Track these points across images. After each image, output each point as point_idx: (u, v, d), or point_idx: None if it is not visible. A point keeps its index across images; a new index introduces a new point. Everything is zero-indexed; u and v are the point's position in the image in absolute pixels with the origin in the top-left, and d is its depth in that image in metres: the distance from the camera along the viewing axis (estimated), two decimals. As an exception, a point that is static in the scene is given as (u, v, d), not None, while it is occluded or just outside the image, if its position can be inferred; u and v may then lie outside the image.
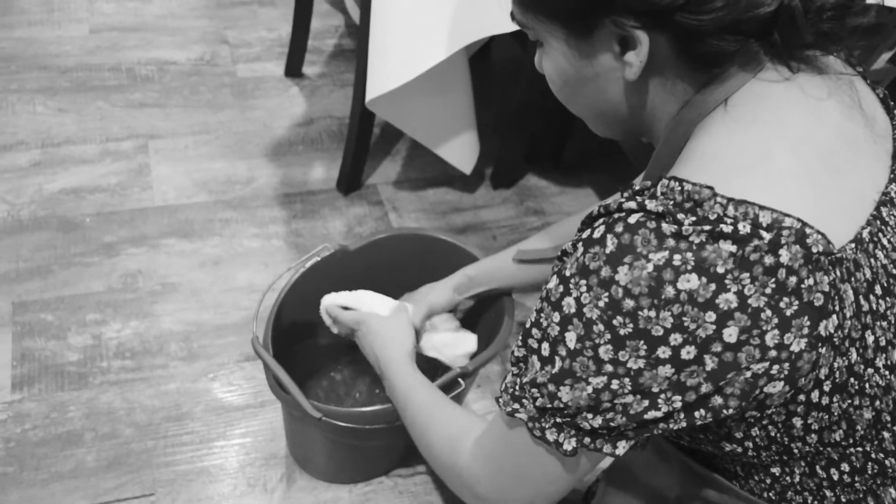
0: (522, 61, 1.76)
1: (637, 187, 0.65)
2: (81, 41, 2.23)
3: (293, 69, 2.22)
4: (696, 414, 0.63)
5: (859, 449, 0.71)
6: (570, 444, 0.68)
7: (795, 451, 0.71)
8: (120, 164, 1.89)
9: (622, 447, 0.68)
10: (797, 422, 0.67)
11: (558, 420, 0.68)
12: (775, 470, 0.75)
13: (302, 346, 1.37)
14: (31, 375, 1.45)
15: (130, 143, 1.94)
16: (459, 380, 1.15)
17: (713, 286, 0.57)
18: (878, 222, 0.66)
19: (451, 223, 1.88)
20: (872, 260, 0.65)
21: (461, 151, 1.78)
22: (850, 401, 0.67)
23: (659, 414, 0.63)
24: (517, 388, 0.71)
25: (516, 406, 0.71)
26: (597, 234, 0.62)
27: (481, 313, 1.34)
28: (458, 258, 1.34)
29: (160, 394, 1.45)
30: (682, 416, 0.63)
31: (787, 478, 0.74)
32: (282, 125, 2.07)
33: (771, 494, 0.77)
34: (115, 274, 1.64)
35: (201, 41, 2.31)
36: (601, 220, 0.64)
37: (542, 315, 0.66)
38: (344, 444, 1.27)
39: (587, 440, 0.68)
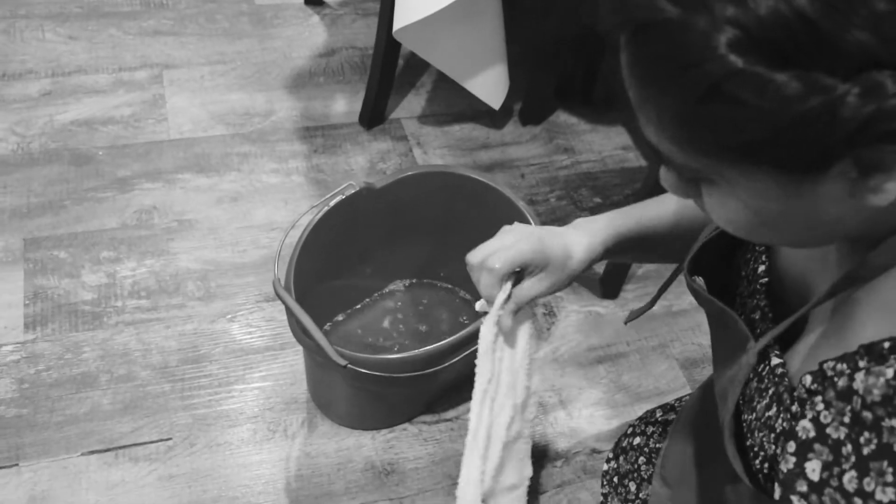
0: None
1: None
2: (92, -35, 2.13)
3: (313, -4, 2.12)
4: None
5: None
6: None
7: None
8: (133, 94, 1.81)
9: None
10: None
11: None
12: None
13: (325, 286, 1.31)
14: (44, 315, 1.40)
15: (144, 73, 1.86)
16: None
17: None
18: None
19: (477, 160, 1.80)
20: None
21: (490, 85, 1.69)
22: None
23: None
24: None
25: None
26: None
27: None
28: (489, 197, 1.27)
29: (177, 335, 1.40)
30: None
31: None
32: (302, 55, 1.97)
33: None
34: (129, 210, 1.58)
35: (217, -34, 2.20)
36: None
37: None
38: (368, 390, 1.22)
39: None
